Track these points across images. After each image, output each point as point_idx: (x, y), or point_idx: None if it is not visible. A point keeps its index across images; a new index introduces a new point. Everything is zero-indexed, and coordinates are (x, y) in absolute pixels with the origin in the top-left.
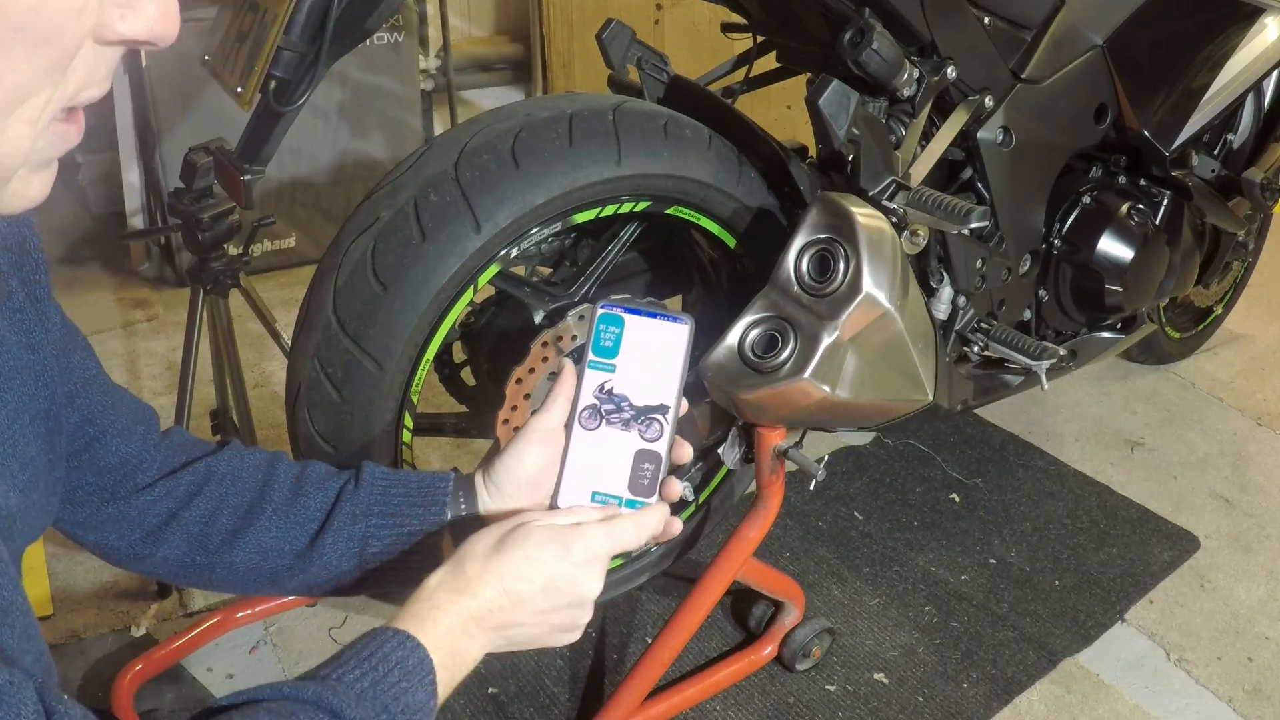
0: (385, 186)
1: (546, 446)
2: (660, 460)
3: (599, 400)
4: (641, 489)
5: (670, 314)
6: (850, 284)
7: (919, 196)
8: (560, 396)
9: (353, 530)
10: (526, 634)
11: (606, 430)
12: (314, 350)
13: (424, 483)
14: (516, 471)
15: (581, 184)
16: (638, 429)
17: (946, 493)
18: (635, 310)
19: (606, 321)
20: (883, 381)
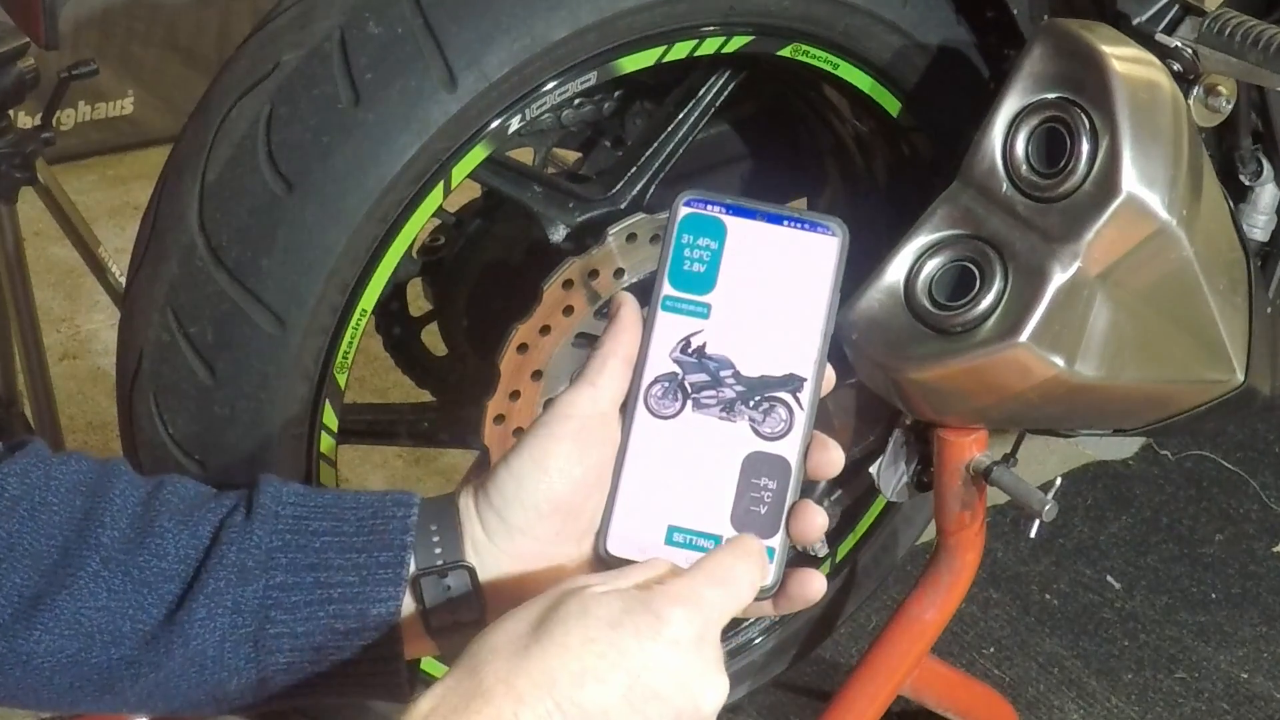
0: (288, 10)
1: (589, 446)
2: (789, 472)
3: (681, 366)
4: (756, 522)
5: (807, 216)
6: (1100, 179)
7: (1222, 26)
8: (614, 359)
9: (241, 596)
10: None
11: (694, 418)
12: (166, 295)
13: (367, 509)
14: (535, 489)
15: (633, 5)
16: (749, 417)
17: (1266, 542)
18: (746, 210)
19: (696, 228)
20: (1158, 349)
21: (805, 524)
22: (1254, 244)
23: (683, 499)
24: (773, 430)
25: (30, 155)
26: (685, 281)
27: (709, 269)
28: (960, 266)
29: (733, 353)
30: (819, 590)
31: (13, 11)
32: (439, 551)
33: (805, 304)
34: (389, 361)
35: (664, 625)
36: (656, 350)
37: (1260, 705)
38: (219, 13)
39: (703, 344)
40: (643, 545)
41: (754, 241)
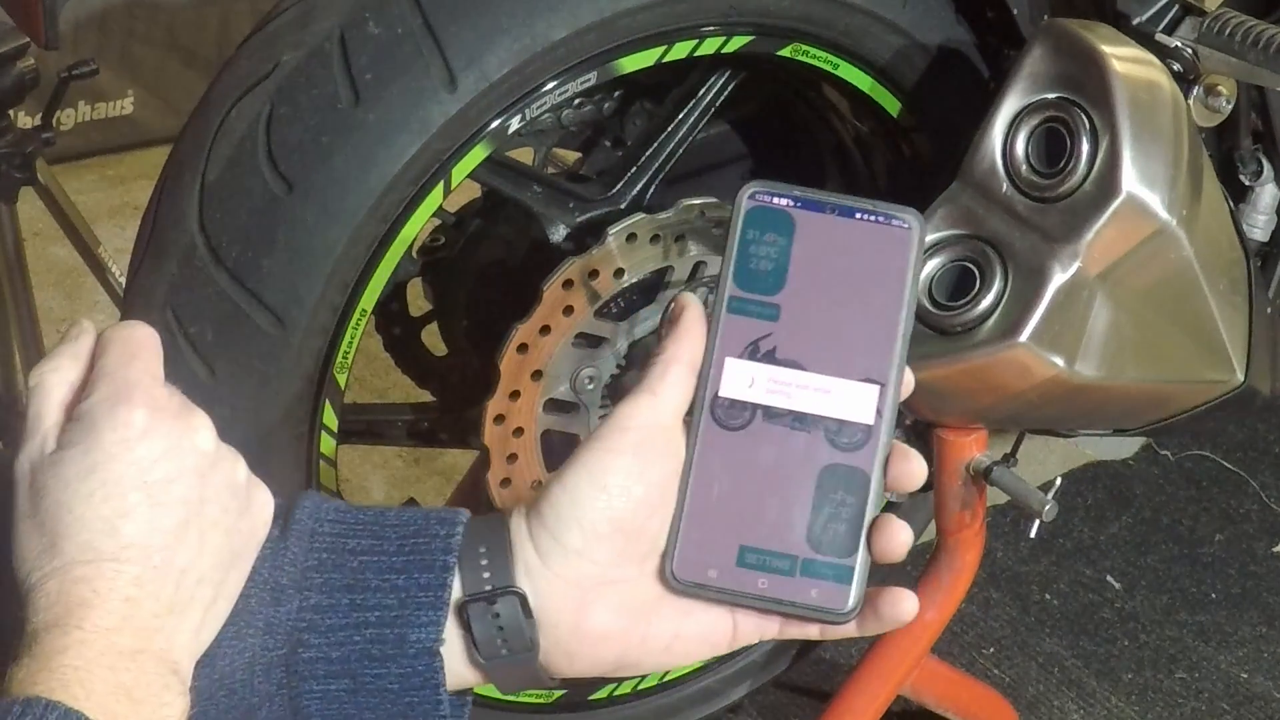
0: (288, 10)
1: (650, 460)
2: (868, 485)
3: (751, 373)
4: (834, 540)
5: (881, 207)
6: (1100, 179)
7: (1222, 26)
8: (677, 365)
9: (274, 616)
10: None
11: (765, 428)
12: (166, 295)
13: (409, 526)
14: (593, 507)
15: (633, 5)
16: (824, 427)
17: (1266, 542)
18: (815, 202)
19: (762, 223)
20: (1157, 349)
21: (888, 540)
22: (1254, 244)
23: (755, 516)
24: (850, 441)
25: (30, 155)
26: (752, 281)
27: (777, 267)
28: (960, 266)
29: (804, 357)
30: (911, 611)
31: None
32: (487, 576)
33: (881, 302)
34: (389, 361)
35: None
36: (722, 355)
37: (1260, 705)
38: (219, 13)
39: (772, 348)
40: (713, 567)
41: (824, 236)
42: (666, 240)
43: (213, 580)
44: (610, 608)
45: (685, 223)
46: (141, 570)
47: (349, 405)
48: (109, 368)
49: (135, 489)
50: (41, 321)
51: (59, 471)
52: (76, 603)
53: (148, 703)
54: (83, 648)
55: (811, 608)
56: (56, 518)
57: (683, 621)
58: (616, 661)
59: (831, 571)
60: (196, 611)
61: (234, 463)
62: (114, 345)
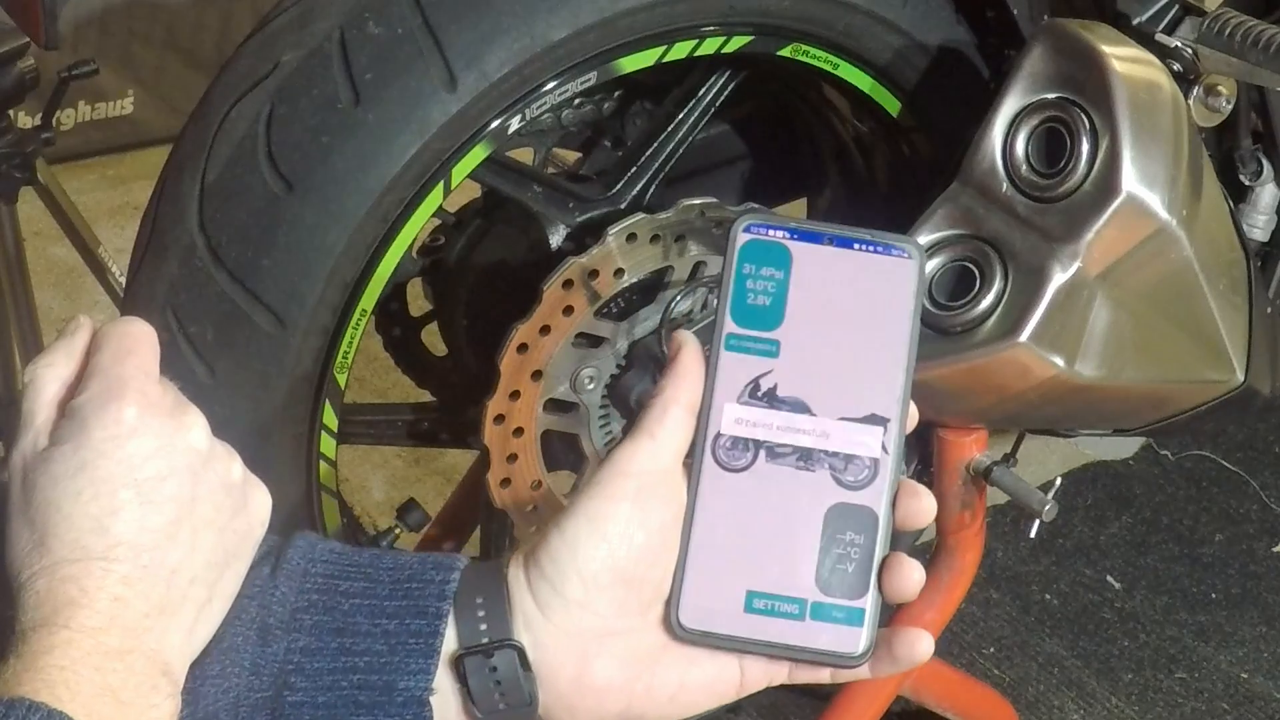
0: (288, 10)
1: (651, 506)
2: (876, 523)
3: (750, 413)
4: (844, 582)
5: (879, 237)
6: (1100, 179)
7: (1222, 26)
8: (675, 406)
9: (261, 656)
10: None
11: (768, 469)
12: (166, 295)
13: (404, 570)
14: (593, 557)
15: (633, 5)
16: (829, 465)
17: (1266, 541)
18: (812, 234)
19: (758, 257)
20: (1157, 349)
21: (899, 580)
22: (1254, 244)
23: (761, 560)
24: (856, 479)
25: (30, 155)
26: (750, 317)
27: (775, 301)
28: (960, 266)
29: (807, 394)
30: (927, 651)
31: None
32: (484, 628)
33: (884, 335)
34: (389, 361)
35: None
36: (722, 396)
37: (1260, 705)
38: (219, 13)
39: (773, 386)
40: (719, 614)
41: (823, 269)
42: (666, 240)
43: (206, 580)
44: (613, 659)
45: (685, 223)
46: (130, 569)
47: (349, 405)
48: (102, 364)
49: (125, 487)
50: (41, 321)
51: (49, 468)
52: (64, 602)
53: (135, 704)
54: (69, 648)
55: (823, 653)
56: (46, 515)
57: (688, 670)
58: (620, 714)
59: (842, 614)
60: (189, 612)
61: (228, 461)
62: (109, 341)
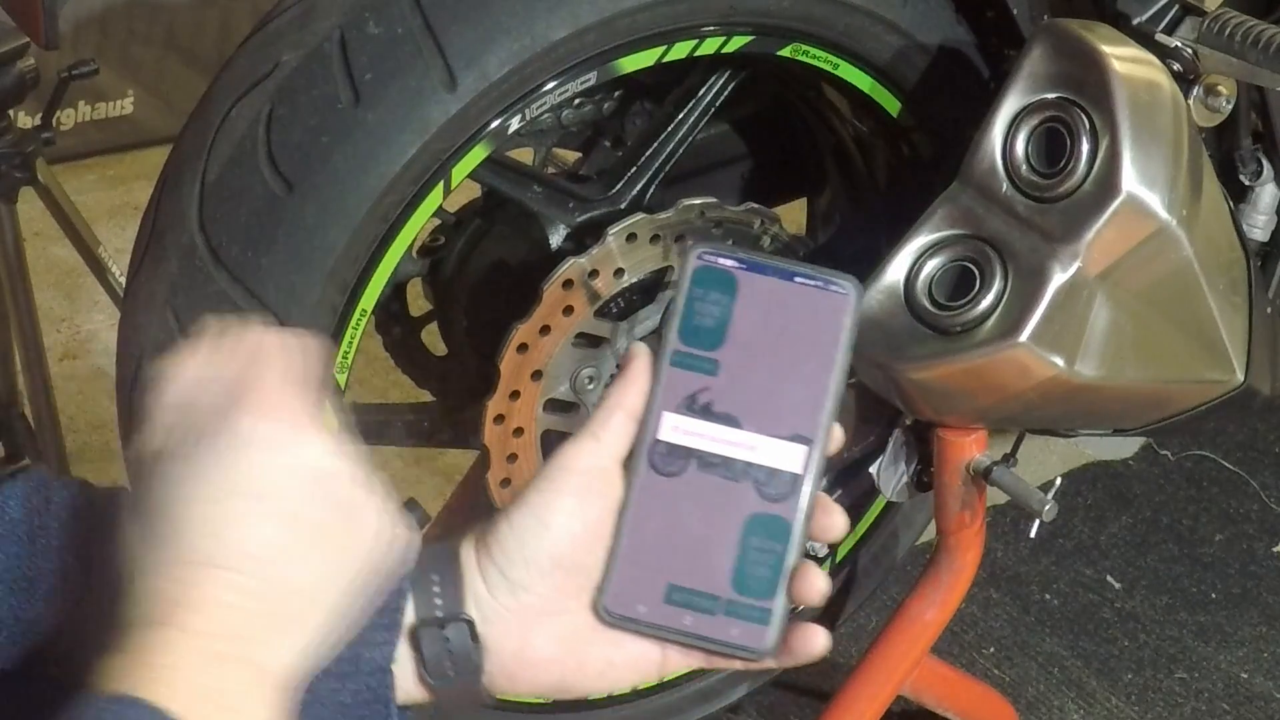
0: (288, 10)
1: (590, 500)
2: (790, 535)
3: (687, 423)
4: (755, 584)
5: (821, 273)
6: (1100, 179)
7: (1222, 26)
8: (620, 412)
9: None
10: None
11: (698, 477)
12: (166, 295)
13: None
14: (537, 544)
15: (633, 5)
16: (753, 479)
17: (1266, 542)
18: (759, 265)
19: (707, 283)
20: (1157, 349)
21: (806, 587)
22: (1254, 244)
23: (683, 558)
24: (776, 492)
25: (30, 155)
26: (695, 336)
27: (719, 324)
28: (960, 266)
29: (739, 411)
30: (822, 646)
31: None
32: (439, 602)
33: (815, 363)
34: (389, 361)
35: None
36: (665, 406)
37: (1260, 705)
38: (219, 13)
39: (709, 401)
40: (642, 603)
41: (766, 298)
42: (666, 240)
43: (323, 603)
44: (550, 636)
45: (685, 223)
46: (242, 579)
47: (351, 406)
48: (232, 370)
49: (240, 497)
50: (41, 321)
51: (165, 469)
52: (174, 602)
53: (240, 710)
54: (177, 647)
55: (732, 645)
56: (160, 515)
57: (616, 650)
58: (554, 685)
59: (752, 613)
60: (303, 631)
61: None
62: (243, 347)
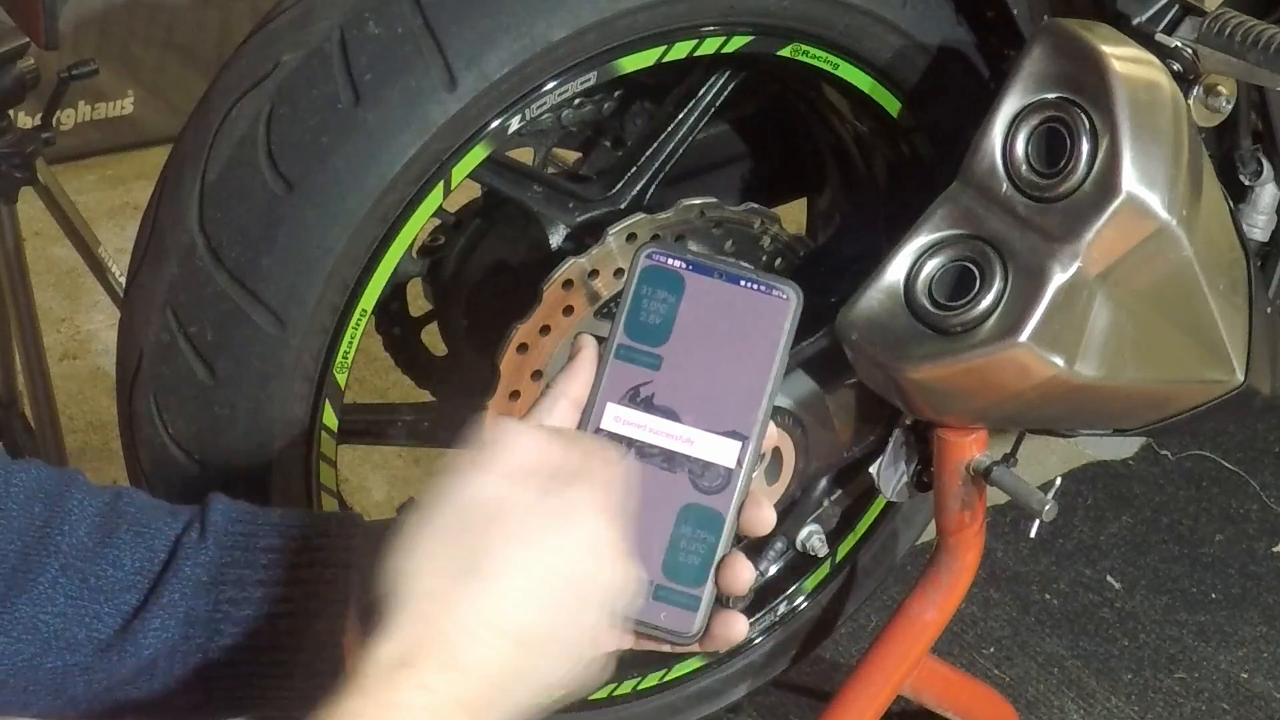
0: (288, 10)
1: None
2: (722, 525)
3: (628, 414)
4: (685, 571)
5: (764, 278)
6: (1100, 179)
7: (1222, 26)
8: (564, 399)
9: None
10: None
11: (635, 465)
12: (166, 295)
13: (312, 527)
14: None
15: (633, 4)
16: (689, 469)
17: (1267, 542)
18: (705, 267)
19: (654, 281)
20: (1157, 349)
21: (732, 577)
22: (1254, 244)
23: None
24: (710, 484)
25: (30, 155)
26: (640, 332)
27: (664, 322)
28: (960, 266)
29: (679, 405)
30: (741, 632)
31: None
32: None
33: (753, 363)
34: (389, 361)
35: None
36: (607, 396)
37: (1260, 705)
38: (219, 13)
39: (651, 394)
40: None
41: (710, 298)
42: (666, 240)
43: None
44: None
45: (685, 223)
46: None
47: (349, 405)
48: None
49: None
50: (41, 321)
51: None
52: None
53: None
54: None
55: (660, 628)
56: (484, 550)
57: None
58: None
59: (681, 599)
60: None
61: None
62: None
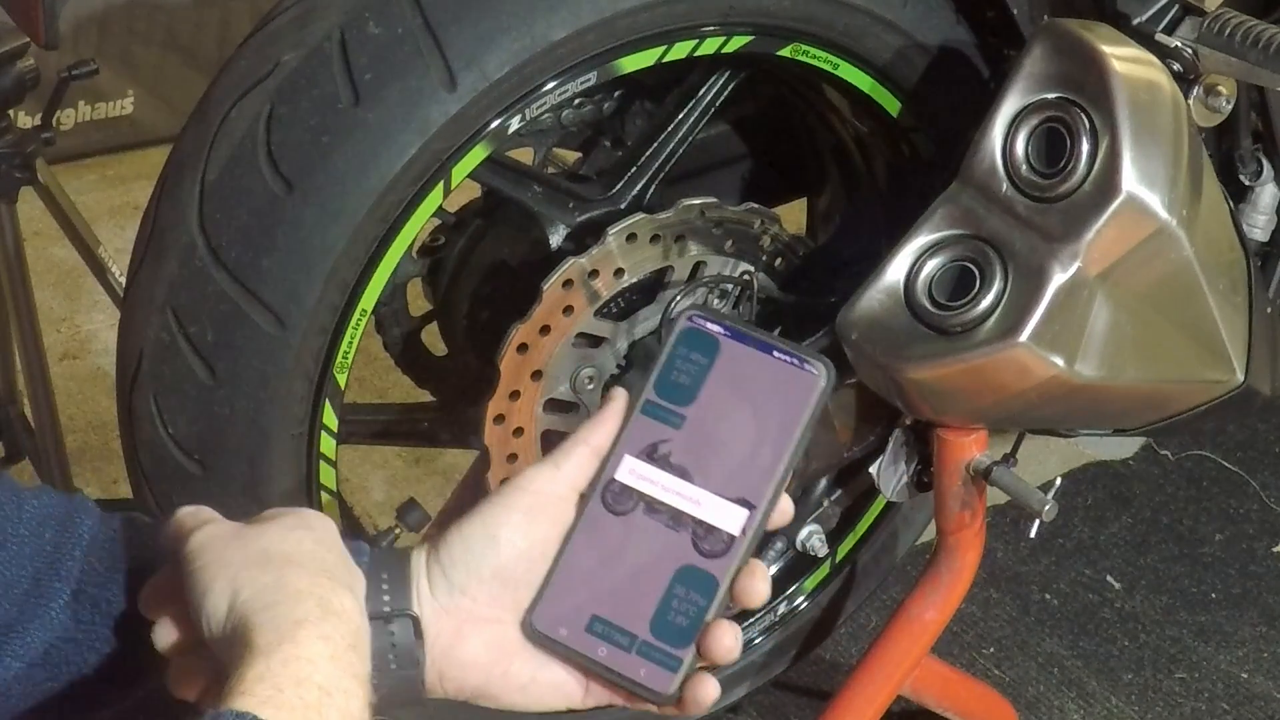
0: (288, 10)
1: (538, 521)
2: (715, 591)
3: (642, 469)
4: (672, 631)
5: (798, 352)
6: (1100, 179)
7: (1222, 26)
8: (584, 446)
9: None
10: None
11: (642, 520)
12: (166, 295)
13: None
14: (482, 554)
15: (633, 4)
16: (692, 531)
17: (1266, 542)
18: (742, 334)
19: (691, 343)
20: (1157, 349)
21: (715, 644)
22: (1254, 244)
23: (612, 593)
24: (710, 549)
25: (30, 155)
26: (669, 391)
27: (693, 383)
28: (960, 266)
29: (693, 466)
30: (711, 697)
31: (13, 11)
32: (387, 599)
33: (774, 435)
34: (389, 361)
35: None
36: (625, 448)
37: (1260, 705)
38: (219, 13)
39: (668, 452)
40: (565, 626)
41: (742, 365)
42: (666, 240)
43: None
44: (481, 641)
45: (685, 223)
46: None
47: (349, 405)
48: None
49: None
50: (41, 321)
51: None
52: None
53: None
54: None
55: (637, 684)
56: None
57: (540, 669)
58: (478, 688)
59: (663, 657)
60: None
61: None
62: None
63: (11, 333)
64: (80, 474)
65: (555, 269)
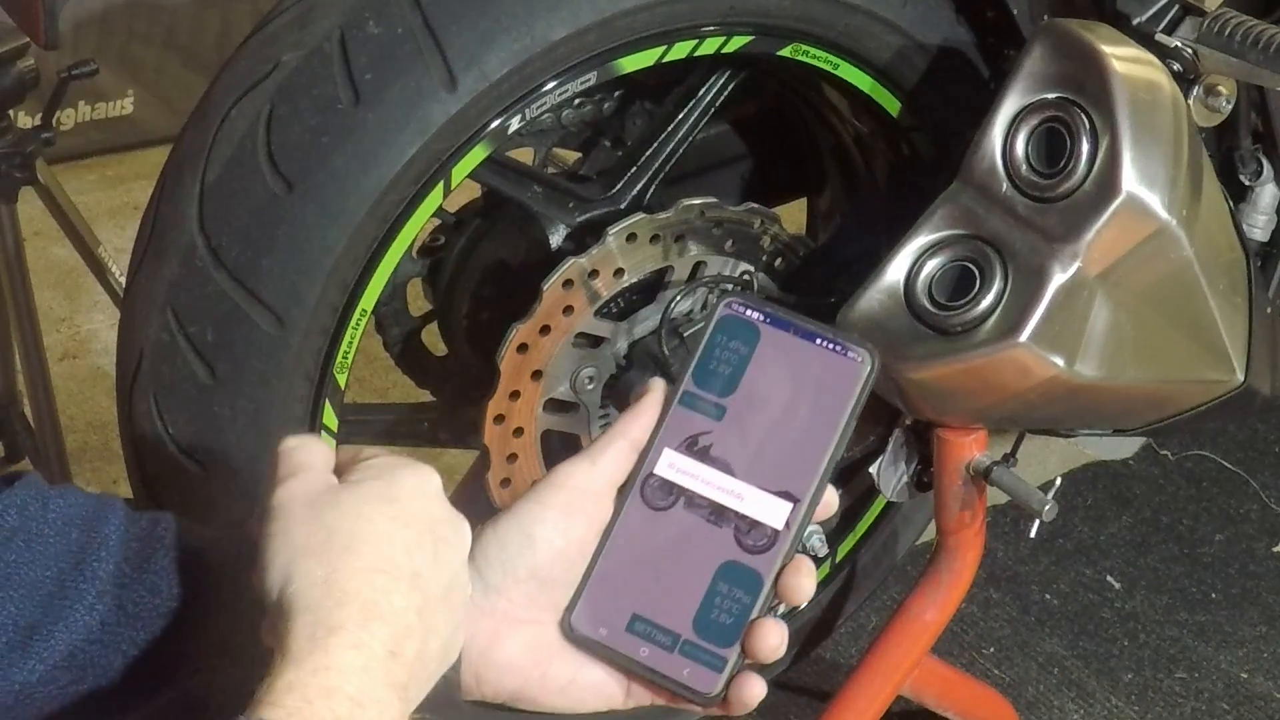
0: (288, 10)
1: (575, 519)
2: (760, 587)
3: (682, 462)
4: (716, 630)
5: (841, 338)
6: (1100, 179)
7: (1222, 26)
8: (621, 440)
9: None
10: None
11: (683, 515)
12: (166, 295)
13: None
14: (518, 553)
15: (633, 4)
16: (735, 526)
17: (1266, 542)
18: (783, 321)
19: (730, 331)
20: (1157, 349)
21: (761, 642)
22: (1254, 244)
23: (653, 591)
24: (754, 544)
25: (30, 155)
26: (708, 381)
27: (734, 373)
28: (960, 266)
29: (734, 459)
30: (758, 695)
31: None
32: None
33: (818, 424)
34: (389, 361)
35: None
36: (664, 441)
37: (1260, 705)
38: (219, 13)
39: (709, 445)
40: (605, 626)
41: (783, 354)
42: (666, 240)
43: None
44: (518, 642)
45: (685, 223)
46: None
47: (349, 405)
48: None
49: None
50: (41, 321)
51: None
52: (356, 602)
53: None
54: (363, 653)
55: (680, 685)
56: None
57: (580, 670)
58: (516, 691)
59: (707, 657)
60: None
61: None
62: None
63: (11, 333)
64: (80, 474)
65: (555, 269)
